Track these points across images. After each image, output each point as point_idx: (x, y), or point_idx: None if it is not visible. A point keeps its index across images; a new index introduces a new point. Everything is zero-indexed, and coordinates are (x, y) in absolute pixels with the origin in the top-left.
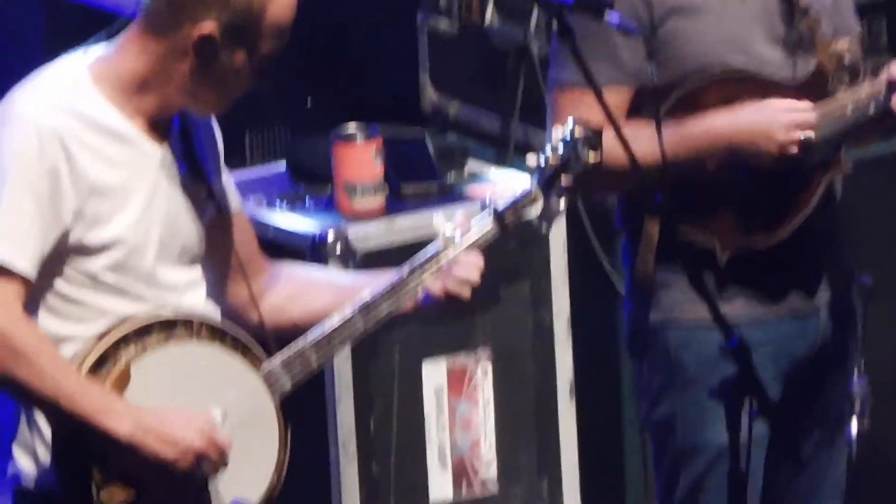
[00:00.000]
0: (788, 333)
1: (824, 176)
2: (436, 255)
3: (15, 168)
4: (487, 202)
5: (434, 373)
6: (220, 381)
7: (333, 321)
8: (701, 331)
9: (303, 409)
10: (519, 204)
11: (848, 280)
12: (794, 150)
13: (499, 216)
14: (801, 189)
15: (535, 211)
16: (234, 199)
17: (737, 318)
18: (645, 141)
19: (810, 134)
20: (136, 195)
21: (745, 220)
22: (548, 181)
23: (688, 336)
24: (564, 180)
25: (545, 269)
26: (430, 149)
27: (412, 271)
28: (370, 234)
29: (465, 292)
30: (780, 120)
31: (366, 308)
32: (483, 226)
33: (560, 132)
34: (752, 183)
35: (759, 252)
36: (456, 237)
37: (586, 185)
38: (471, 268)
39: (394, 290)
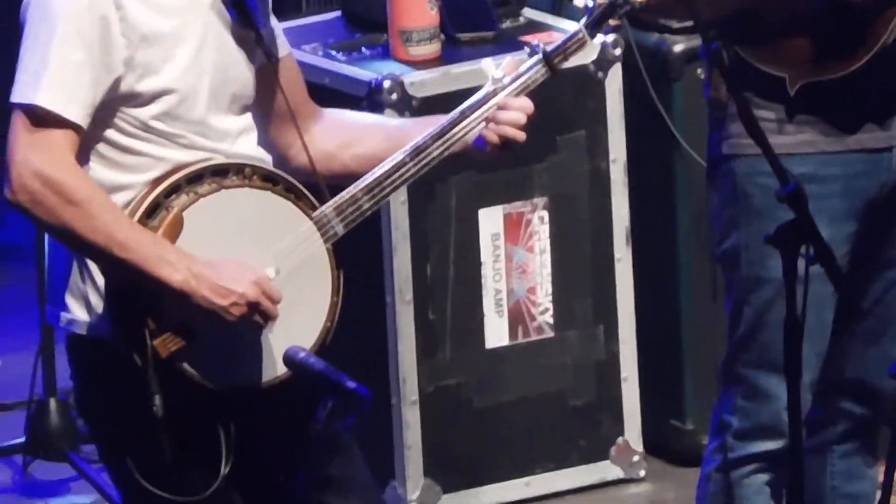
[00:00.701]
0: (859, 170)
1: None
2: (485, 99)
3: (65, 17)
4: (536, 46)
5: (490, 220)
6: (273, 227)
7: (385, 165)
8: (766, 163)
9: (359, 257)
10: (567, 46)
11: None
12: None
13: (547, 59)
14: (874, 21)
15: (583, 54)
16: (282, 44)
17: (805, 151)
18: None
19: None
20: (187, 43)
21: (816, 51)
22: (595, 22)
23: (753, 167)
24: (612, 22)
25: (601, 116)
26: None
27: (462, 115)
28: (426, 80)
29: (516, 136)
30: None
31: (416, 151)
32: (532, 69)
33: None
34: (824, 13)
35: (829, 83)
36: (505, 80)
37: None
38: (519, 111)
39: (444, 133)
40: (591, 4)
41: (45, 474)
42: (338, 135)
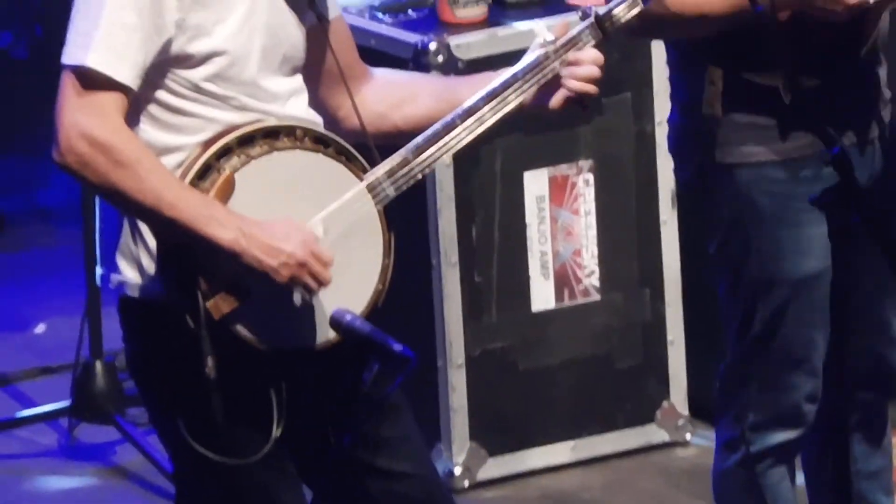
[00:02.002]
0: (854, 163)
1: (882, 10)
2: (537, 62)
3: None
4: (588, 9)
5: (536, 182)
6: (324, 189)
7: (436, 127)
8: (771, 168)
9: (405, 219)
10: (619, 10)
11: None
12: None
13: (599, 22)
14: (861, 26)
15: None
16: (332, 5)
17: (805, 154)
18: None
19: None
20: (238, 4)
21: (808, 60)
22: None
23: (758, 174)
24: None
25: (647, 78)
26: None
27: (515, 78)
28: (472, 43)
29: (591, 90)
30: None
31: (468, 114)
32: (583, 31)
33: None
34: (812, 26)
35: (822, 87)
36: (556, 43)
37: (653, 28)
38: (592, 65)
39: (496, 95)
40: None
41: (90, 437)
42: (388, 95)
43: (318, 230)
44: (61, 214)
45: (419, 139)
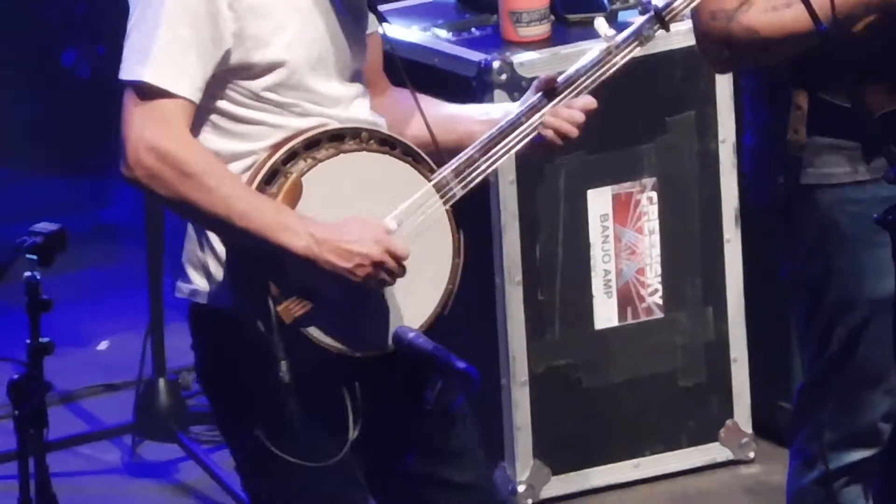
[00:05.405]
0: None
1: None
2: (600, 58)
3: None
4: (647, 3)
5: (599, 200)
6: (392, 190)
7: (501, 124)
8: (853, 189)
9: (469, 238)
10: (678, 1)
11: None
12: None
13: (659, 15)
14: None
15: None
16: (372, 21)
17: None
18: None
19: None
20: (296, 12)
21: (894, 81)
22: None
23: (841, 196)
24: None
25: (710, 97)
26: None
27: (577, 73)
28: (535, 61)
29: (570, 132)
30: None
31: (532, 110)
32: (644, 25)
33: None
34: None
35: None
36: (618, 38)
37: (747, 55)
38: (579, 111)
39: (559, 95)
40: None
41: (153, 455)
42: (392, 113)
43: (391, 224)
44: (124, 232)
45: (484, 137)
